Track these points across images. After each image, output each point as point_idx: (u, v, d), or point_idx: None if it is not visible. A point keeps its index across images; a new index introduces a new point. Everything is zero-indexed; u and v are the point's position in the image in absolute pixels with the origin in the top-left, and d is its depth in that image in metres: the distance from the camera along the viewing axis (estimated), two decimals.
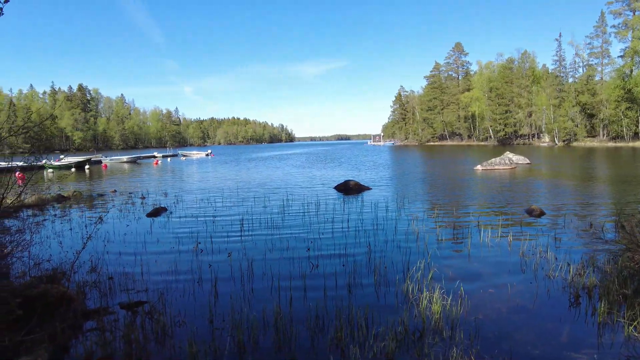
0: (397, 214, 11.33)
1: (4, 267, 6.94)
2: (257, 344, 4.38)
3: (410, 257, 7.25)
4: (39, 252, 7.76)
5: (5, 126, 24.04)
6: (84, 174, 32.31)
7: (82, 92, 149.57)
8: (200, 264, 7.18)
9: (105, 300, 5.68)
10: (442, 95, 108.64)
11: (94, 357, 4.18)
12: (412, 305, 5.24)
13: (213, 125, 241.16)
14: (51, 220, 11.68)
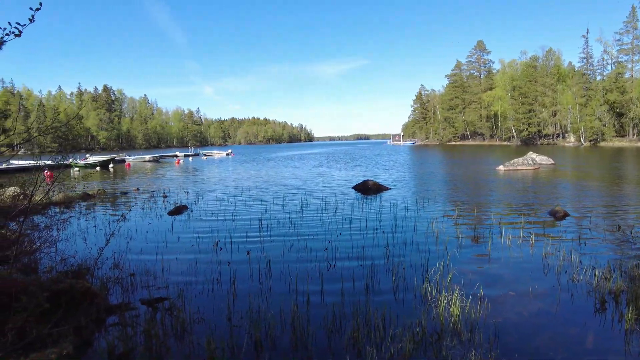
0: (417, 214, 11.22)
1: (32, 262, 7.20)
2: (274, 342, 4.41)
3: (430, 258, 7.17)
4: (65, 248, 8.01)
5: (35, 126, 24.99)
6: (108, 173, 33.16)
7: (107, 92, 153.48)
8: (219, 262, 7.27)
9: (127, 296, 5.81)
10: (463, 94, 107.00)
11: (115, 352, 4.29)
12: (430, 307, 5.18)
13: (233, 125, 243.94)
14: (77, 217, 12.02)
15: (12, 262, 5.32)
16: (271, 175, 26.83)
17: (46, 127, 6.98)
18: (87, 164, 40.06)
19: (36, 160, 7.39)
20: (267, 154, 70.45)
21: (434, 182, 19.92)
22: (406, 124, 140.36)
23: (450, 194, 15.72)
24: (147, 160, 51.69)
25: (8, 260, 7.30)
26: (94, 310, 5.23)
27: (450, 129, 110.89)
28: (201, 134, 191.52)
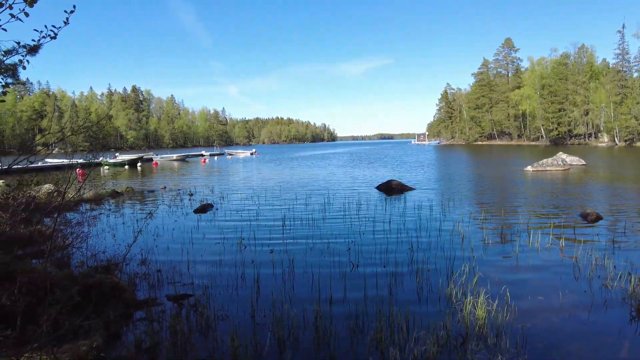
0: (442, 215, 11.04)
1: (65, 257, 7.48)
2: (297, 341, 4.42)
3: (455, 260, 7.05)
4: (95, 244, 8.27)
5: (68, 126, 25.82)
6: (136, 171, 34.08)
7: (135, 93, 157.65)
8: (243, 260, 7.35)
9: (154, 292, 5.95)
10: (490, 93, 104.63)
11: (142, 346, 4.40)
12: (455, 309, 5.09)
13: (258, 125, 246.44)
14: (106, 214, 12.40)
15: (47, 257, 5.53)
16: (294, 175, 26.95)
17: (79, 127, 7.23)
18: (116, 163, 41.29)
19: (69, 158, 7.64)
20: (290, 154, 70.81)
21: (459, 182, 19.56)
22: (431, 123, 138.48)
23: (477, 195, 15.40)
24: (174, 159, 52.83)
25: (43, 255, 7.61)
26: (122, 305, 5.39)
27: (476, 129, 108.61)
28: (226, 133, 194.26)
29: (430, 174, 24.43)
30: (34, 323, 4.16)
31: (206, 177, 27.06)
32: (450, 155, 50.21)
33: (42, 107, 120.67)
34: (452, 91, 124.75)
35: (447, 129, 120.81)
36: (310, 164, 38.43)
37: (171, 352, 4.21)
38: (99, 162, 37.39)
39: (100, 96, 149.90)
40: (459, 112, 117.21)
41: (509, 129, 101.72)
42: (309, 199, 14.60)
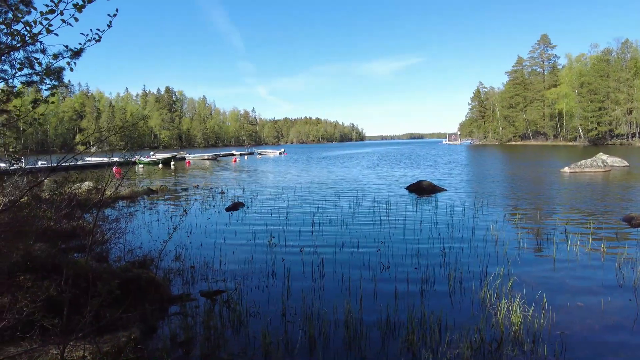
0: (474, 217, 10.79)
1: (104, 251, 7.78)
2: (327, 340, 4.44)
3: (489, 263, 6.88)
4: (132, 240, 8.56)
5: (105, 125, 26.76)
6: (169, 170, 35.06)
7: (168, 93, 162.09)
8: (274, 257, 7.44)
9: (188, 288, 6.11)
10: (525, 92, 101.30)
11: (177, 339, 4.53)
12: (489, 313, 4.97)
13: (286, 125, 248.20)
14: (142, 211, 12.83)
15: (88, 251, 5.78)
16: (323, 174, 27.01)
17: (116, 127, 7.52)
18: (150, 161, 42.61)
19: (108, 157, 7.95)
20: (319, 153, 70.98)
21: (492, 183, 19.04)
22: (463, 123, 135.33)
23: (511, 196, 14.96)
24: (205, 159, 54.01)
25: (84, 249, 7.95)
26: (158, 300, 5.56)
27: (510, 128, 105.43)
28: (256, 133, 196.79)
29: (462, 175, 23.92)
30: (78, 313, 4.36)
31: (237, 176, 27.52)
32: (482, 156, 48.93)
33: (81, 107, 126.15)
34: (484, 90, 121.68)
35: (480, 129, 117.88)
36: (339, 164, 38.40)
37: (205, 346, 4.31)
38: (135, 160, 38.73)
39: (135, 97, 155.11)
40: (492, 111, 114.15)
41: (544, 129, 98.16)
42: (337, 199, 14.60)
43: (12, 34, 2.88)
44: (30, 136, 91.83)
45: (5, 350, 3.67)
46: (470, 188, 17.33)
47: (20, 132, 6.88)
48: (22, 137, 11.30)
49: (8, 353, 3.53)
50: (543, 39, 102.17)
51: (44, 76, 3.63)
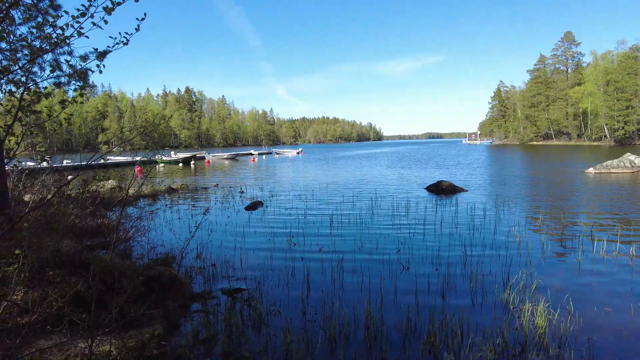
0: (496, 218, 10.61)
1: (127, 249, 7.96)
2: (348, 340, 4.43)
3: (511, 265, 6.76)
4: (154, 238, 8.72)
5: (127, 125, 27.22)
6: (189, 169, 35.57)
7: (188, 94, 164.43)
8: (293, 257, 7.47)
9: (209, 285, 6.19)
10: (547, 91, 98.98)
11: (199, 337, 4.59)
12: (512, 316, 4.88)
13: (304, 124, 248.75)
14: (163, 209, 13.05)
15: (113, 248, 5.92)
16: (341, 174, 26.97)
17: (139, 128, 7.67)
18: (171, 160, 43.33)
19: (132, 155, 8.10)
20: (336, 153, 70.90)
21: (514, 184, 18.66)
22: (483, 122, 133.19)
23: (533, 197, 14.65)
24: (224, 158, 54.60)
25: (108, 246, 8.14)
26: (180, 297, 5.65)
27: (531, 128, 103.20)
28: (274, 133, 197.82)
29: (482, 175, 23.53)
30: (104, 309, 4.47)
31: (255, 175, 27.73)
32: (503, 156, 48.01)
33: (104, 107, 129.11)
34: (505, 89, 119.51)
35: (500, 128, 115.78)
36: (357, 164, 38.27)
37: (226, 344, 4.35)
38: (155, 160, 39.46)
39: (156, 97, 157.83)
40: (513, 110, 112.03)
41: (567, 129, 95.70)
42: (356, 199, 14.56)
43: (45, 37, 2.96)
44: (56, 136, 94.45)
45: (37, 343, 3.78)
46: (492, 189, 17.04)
47: (47, 132, 7.12)
48: (49, 136, 11.78)
49: (40, 346, 3.64)
50: (567, 36, 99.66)
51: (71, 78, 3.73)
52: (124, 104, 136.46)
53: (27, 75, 3.11)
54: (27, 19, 4.12)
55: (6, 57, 7.38)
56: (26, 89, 3.11)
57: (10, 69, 2.95)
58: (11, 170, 8.05)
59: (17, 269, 3.54)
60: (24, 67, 3.12)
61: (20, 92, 3.01)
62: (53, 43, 2.80)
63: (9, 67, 2.96)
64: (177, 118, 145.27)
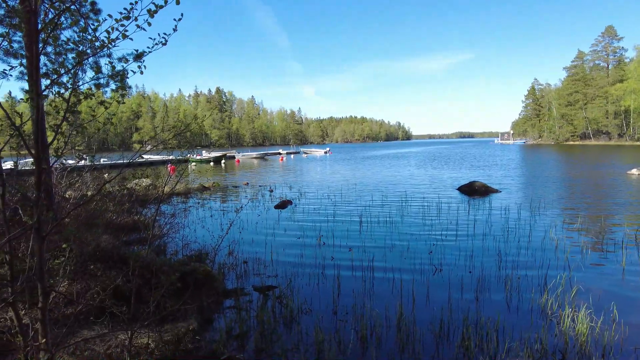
0: (531, 220, 10.28)
1: (162, 245, 8.18)
2: (379, 340, 4.40)
3: (549, 269, 6.53)
4: (187, 234, 8.92)
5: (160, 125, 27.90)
6: (220, 168, 36.24)
7: (219, 94, 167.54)
8: (323, 256, 7.49)
9: (241, 282, 6.29)
10: (585, 88, 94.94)
11: (232, 332, 4.67)
12: (550, 322, 4.72)
13: (332, 124, 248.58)
14: (195, 207, 13.35)
15: (149, 244, 6.10)
16: (369, 174, 26.80)
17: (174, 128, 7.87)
18: (202, 160, 44.29)
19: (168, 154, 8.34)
20: (364, 153, 70.48)
21: (550, 185, 18.00)
22: (516, 122, 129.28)
23: (570, 199, 14.09)
24: (254, 157, 55.36)
25: (143, 242, 8.41)
26: (214, 293, 5.77)
27: (567, 127, 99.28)
28: (301, 132, 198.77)
29: (516, 176, 22.82)
30: (141, 302, 4.61)
31: (284, 174, 27.95)
32: (538, 156, 46.39)
33: (138, 108, 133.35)
34: (540, 87, 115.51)
35: (534, 128, 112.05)
36: (386, 164, 37.93)
37: (259, 341, 4.41)
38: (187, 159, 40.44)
39: (188, 97, 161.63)
40: (548, 109, 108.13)
41: (607, 128, 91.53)
42: (385, 199, 14.43)
43: (91, 40, 3.08)
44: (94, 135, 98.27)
45: (81, 333, 3.95)
46: (526, 190, 16.51)
47: (88, 132, 7.53)
48: (92, 136, 12.48)
49: (84, 336, 3.80)
50: (608, 31, 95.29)
51: (112, 79, 3.86)
52: (157, 104, 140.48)
53: (75, 77, 3.25)
54: (74, 23, 4.30)
55: (52, 60, 7.72)
56: (73, 90, 3.25)
57: (59, 72, 3.09)
58: (54, 168, 8.43)
59: (63, 262, 3.71)
60: (72, 69, 3.26)
61: (68, 94, 3.14)
62: (100, 45, 2.90)
63: (59, 70, 3.09)
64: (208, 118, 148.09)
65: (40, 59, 3.82)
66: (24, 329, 2.56)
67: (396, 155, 55.63)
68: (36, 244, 2.61)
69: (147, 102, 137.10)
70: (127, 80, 4.42)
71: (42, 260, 2.58)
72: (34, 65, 3.00)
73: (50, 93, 3.27)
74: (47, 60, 6.56)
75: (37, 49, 2.74)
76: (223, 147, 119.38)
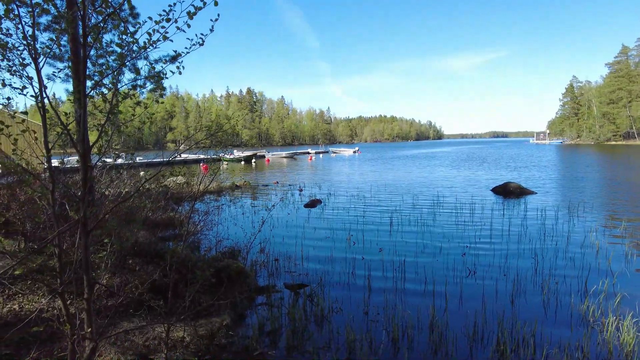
0: (570, 223, 9.88)
1: (196, 242, 8.39)
2: (411, 342, 4.35)
3: (589, 274, 6.26)
4: (220, 231, 9.09)
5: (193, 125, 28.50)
6: (251, 167, 36.79)
7: (250, 94, 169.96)
8: (353, 256, 7.47)
9: (272, 280, 6.36)
10: (630, 85, 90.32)
11: (265, 329, 4.73)
12: (593, 330, 4.52)
13: (360, 123, 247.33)
14: (227, 205, 13.61)
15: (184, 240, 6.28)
16: (399, 174, 26.50)
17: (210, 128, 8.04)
18: (233, 159, 45.08)
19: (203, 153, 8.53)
20: (394, 152, 69.73)
21: (589, 187, 17.24)
22: (553, 121, 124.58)
23: (613, 202, 13.43)
24: (283, 157, 55.85)
25: (177, 238, 8.64)
26: (246, 289, 5.86)
27: (609, 126, 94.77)
28: (330, 132, 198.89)
29: (553, 177, 21.98)
30: (178, 297, 4.75)
31: (313, 173, 28.06)
32: (576, 156, 44.47)
33: (172, 108, 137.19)
34: (579, 84, 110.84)
35: (572, 127, 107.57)
36: (416, 164, 37.40)
37: (291, 338, 4.45)
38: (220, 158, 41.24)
39: (220, 97, 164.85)
40: (588, 107, 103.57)
41: None
42: (416, 199, 14.23)
43: (133, 42, 3.20)
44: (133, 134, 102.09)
45: (120, 324, 4.11)
46: (564, 192, 15.88)
47: (127, 131, 7.86)
48: (132, 135, 13.38)
49: (123, 327, 3.95)
50: None
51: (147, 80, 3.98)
52: (190, 104, 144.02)
53: (118, 78, 3.38)
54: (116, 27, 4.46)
55: (94, 62, 8.04)
56: (115, 91, 3.38)
57: (104, 74, 3.22)
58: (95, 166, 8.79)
59: (105, 256, 3.87)
60: (115, 71, 3.39)
61: (110, 95, 3.27)
62: (142, 47, 3.01)
63: (103, 72, 3.22)
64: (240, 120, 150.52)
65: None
66: (71, 318, 2.68)
67: (427, 155, 54.70)
68: (82, 238, 2.73)
69: (181, 102, 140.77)
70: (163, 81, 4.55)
71: (87, 253, 2.70)
72: (80, 68, 3.13)
73: (94, 94, 3.41)
74: (90, 63, 6.85)
75: (85, 53, 2.86)
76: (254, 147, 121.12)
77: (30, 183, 2.77)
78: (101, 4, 3.11)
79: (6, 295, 4.28)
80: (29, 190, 2.83)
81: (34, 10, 2.67)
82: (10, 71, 2.68)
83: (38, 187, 2.99)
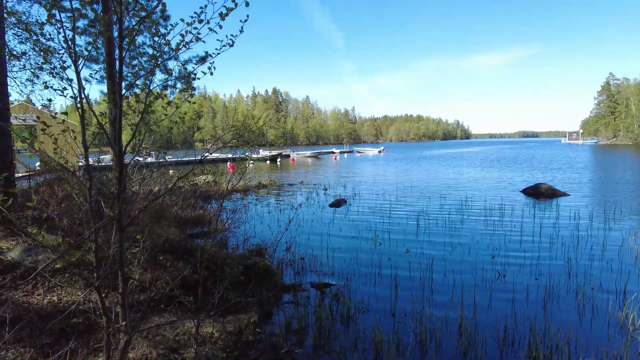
0: (605, 226, 9.50)
1: (224, 239, 8.52)
2: (439, 345, 4.28)
3: (628, 280, 5.99)
4: (247, 230, 9.20)
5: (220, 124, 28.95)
6: (276, 166, 37.09)
7: (275, 94, 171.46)
8: (379, 256, 7.41)
9: (299, 278, 6.39)
10: None
11: (291, 327, 4.76)
12: (633, 339, 4.33)
13: (386, 123, 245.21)
14: (254, 203, 13.77)
15: (213, 238, 6.40)
16: (426, 174, 26.14)
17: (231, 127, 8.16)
18: (259, 158, 45.59)
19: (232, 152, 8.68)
20: (420, 152, 68.80)
21: (627, 189, 16.48)
22: (586, 120, 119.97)
23: None
24: (308, 156, 56.06)
25: (205, 235, 8.81)
26: (273, 287, 5.91)
27: None
28: (355, 131, 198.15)
29: (587, 178, 21.17)
30: (207, 293, 4.83)
31: (337, 173, 28.02)
32: (612, 157, 42.59)
33: (199, 108, 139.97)
34: (616, 82, 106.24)
35: (608, 127, 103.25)
36: (444, 164, 36.78)
37: (317, 337, 4.45)
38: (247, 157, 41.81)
39: (246, 98, 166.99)
40: (625, 106, 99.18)
41: None
42: (444, 200, 14.00)
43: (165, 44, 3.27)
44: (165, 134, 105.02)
45: (152, 319, 4.22)
46: (598, 193, 15.27)
47: (158, 131, 8.12)
48: (165, 134, 13.71)
49: (155, 322, 4.05)
50: None
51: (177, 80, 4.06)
52: (217, 104, 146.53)
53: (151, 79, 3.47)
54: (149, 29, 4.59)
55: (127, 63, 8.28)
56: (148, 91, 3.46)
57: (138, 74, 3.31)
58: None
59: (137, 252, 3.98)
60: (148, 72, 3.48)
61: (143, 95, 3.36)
62: (175, 47, 3.07)
63: (138, 73, 3.31)
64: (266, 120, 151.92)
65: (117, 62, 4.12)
66: (107, 312, 2.78)
67: (454, 156, 53.66)
68: (117, 234, 2.82)
69: (208, 103, 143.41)
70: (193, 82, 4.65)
71: (122, 249, 2.79)
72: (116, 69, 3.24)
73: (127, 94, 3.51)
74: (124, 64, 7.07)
75: (121, 54, 2.95)
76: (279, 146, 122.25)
77: (69, 180, 2.87)
78: (134, 6, 3.21)
79: (46, 287, 4.47)
80: (67, 187, 2.93)
81: (74, 15, 2.77)
82: (52, 73, 2.79)
83: (76, 185, 3.11)
